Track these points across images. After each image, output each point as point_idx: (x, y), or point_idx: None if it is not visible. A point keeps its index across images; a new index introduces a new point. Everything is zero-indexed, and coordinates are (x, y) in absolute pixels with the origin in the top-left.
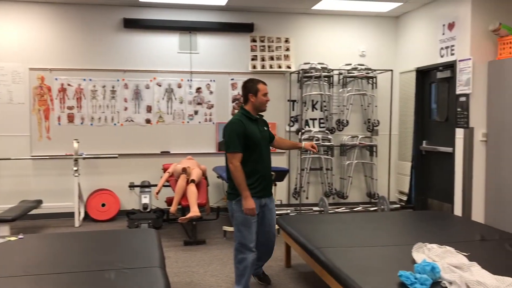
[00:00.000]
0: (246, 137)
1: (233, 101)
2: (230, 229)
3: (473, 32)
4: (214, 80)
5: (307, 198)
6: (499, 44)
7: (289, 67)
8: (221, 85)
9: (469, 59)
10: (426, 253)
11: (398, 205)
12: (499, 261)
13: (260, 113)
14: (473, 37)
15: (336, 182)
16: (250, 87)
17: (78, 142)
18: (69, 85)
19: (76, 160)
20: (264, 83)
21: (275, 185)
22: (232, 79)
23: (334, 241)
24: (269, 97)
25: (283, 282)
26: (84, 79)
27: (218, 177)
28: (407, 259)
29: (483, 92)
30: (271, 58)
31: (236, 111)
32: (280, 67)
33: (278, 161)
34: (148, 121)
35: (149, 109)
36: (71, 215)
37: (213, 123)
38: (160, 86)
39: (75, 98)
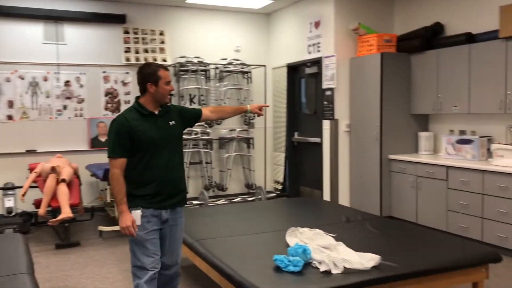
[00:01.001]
0: (132, 138)
1: (106, 95)
2: (106, 228)
3: (336, 31)
4: (84, 73)
5: (187, 192)
6: (359, 42)
7: (164, 60)
8: (93, 78)
9: (333, 55)
10: (298, 237)
11: (274, 194)
12: (362, 239)
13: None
14: (337, 35)
15: (216, 175)
16: (148, 75)
17: None
18: None
19: None
20: (166, 69)
21: None
22: (104, 72)
23: (212, 233)
24: (172, 86)
25: None
26: None
27: (92, 175)
28: (281, 244)
29: (346, 86)
30: (146, 51)
31: (109, 105)
32: (155, 60)
33: None
34: (10, 117)
35: (10, 104)
36: None
37: (85, 118)
38: (23, 79)
39: None
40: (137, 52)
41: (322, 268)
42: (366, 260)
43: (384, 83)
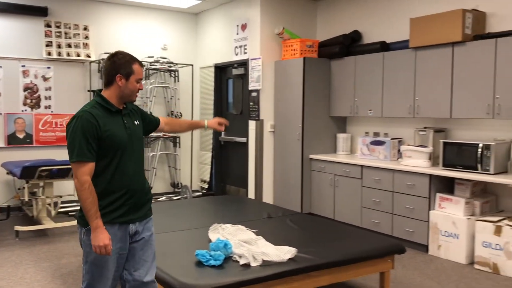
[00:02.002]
0: (100, 138)
1: (24, 90)
2: (23, 228)
3: (262, 34)
4: (0, 66)
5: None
6: (283, 46)
7: (88, 56)
8: (10, 72)
9: (259, 58)
10: (220, 232)
11: (200, 193)
12: (281, 234)
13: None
14: (262, 38)
15: None
16: (120, 66)
17: None
18: None
19: None
20: (141, 64)
21: None
22: (23, 66)
23: None
24: (142, 85)
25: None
26: None
27: (8, 173)
28: (204, 240)
29: (271, 88)
30: (69, 46)
31: (28, 101)
32: (79, 55)
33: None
34: None
35: None
36: None
37: (1, 113)
38: None
39: None
40: (59, 46)
41: (242, 261)
42: (283, 253)
43: (306, 86)
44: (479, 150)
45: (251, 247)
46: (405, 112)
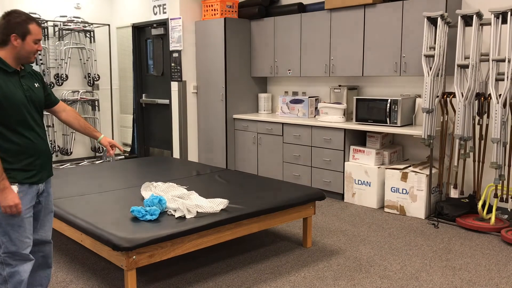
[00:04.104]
0: None
1: None
2: None
3: None
4: None
5: None
6: (203, 6)
7: None
8: None
9: (179, 18)
10: (153, 190)
11: (123, 156)
12: (212, 189)
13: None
14: None
15: (59, 139)
16: (15, 25)
17: None
18: None
19: None
20: (39, 24)
21: None
22: None
23: (64, 193)
24: (41, 46)
25: None
26: None
27: None
28: (137, 198)
29: (192, 49)
30: None
31: None
32: None
33: None
34: None
35: None
36: None
37: None
38: None
39: None
40: None
41: (177, 214)
42: (216, 204)
43: (228, 47)
44: (388, 105)
45: (185, 201)
46: (321, 71)
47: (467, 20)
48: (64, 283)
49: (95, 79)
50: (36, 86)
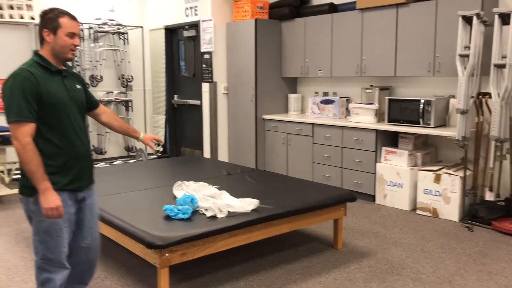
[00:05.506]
0: (41, 97)
1: None
2: None
3: None
4: None
5: None
6: (234, 8)
7: (33, 18)
8: None
9: (210, 20)
10: (185, 189)
11: (155, 156)
12: (242, 188)
13: (68, 64)
14: None
15: (94, 139)
16: (47, 20)
17: None
18: None
19: None
20: (73, 18)
21: None
22: None
23: (99, 191)
24: (78, 40)
25: None
26: None
27: None
28: (169, 197)
29: (223, 50)
30: (11, 7)
31: None
32: (22, 17)
33: None
34: None
35: None
36: None
37: None
38: None
39: None
40: (0, 8)
41: (209, 213)
42: (247, 204)
43: (258, 48)
44: (421, 105)
45: (216, 200)
46: (352, 71)
47: (505, 19)
48: (99, 279)
49: (129, 80)
50: (78, 87)
